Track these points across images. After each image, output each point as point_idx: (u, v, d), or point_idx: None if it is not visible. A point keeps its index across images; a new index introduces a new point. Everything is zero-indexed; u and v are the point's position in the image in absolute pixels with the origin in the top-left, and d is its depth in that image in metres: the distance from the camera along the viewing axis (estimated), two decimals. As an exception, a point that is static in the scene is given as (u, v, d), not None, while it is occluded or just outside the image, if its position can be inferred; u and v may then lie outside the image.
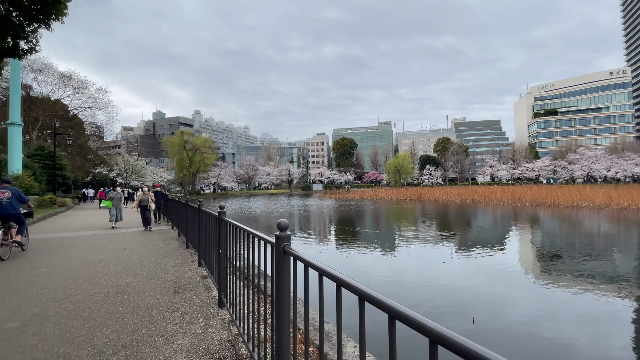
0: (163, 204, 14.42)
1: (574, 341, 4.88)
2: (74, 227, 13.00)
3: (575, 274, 8.23)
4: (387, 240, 14.02)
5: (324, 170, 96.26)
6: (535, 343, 4.82)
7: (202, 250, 5.78)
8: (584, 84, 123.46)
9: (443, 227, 16.58)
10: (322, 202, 37.96)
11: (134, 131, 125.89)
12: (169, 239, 10.07)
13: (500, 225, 17.59)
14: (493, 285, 7.59)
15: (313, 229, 17.99)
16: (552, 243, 12.60)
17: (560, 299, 6.54)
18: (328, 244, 13.39)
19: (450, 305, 6.33)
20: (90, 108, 33.50)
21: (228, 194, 74.01)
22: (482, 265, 9.17)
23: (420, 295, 6.89)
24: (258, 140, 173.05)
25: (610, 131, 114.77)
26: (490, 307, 6.27)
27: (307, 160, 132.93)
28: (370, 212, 25.98)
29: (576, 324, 5.53)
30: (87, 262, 6.77)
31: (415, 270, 8.87)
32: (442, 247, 11.78)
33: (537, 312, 6.01)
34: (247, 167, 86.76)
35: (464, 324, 5.36)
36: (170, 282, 5.31)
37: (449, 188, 50.04)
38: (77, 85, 31.84)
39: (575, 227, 16.49)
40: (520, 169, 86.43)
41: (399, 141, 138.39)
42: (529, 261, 9.96)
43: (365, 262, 9.87)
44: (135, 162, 60.79)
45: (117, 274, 5.82)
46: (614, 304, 6.22)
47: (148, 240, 9.62)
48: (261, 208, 32.49)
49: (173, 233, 11.25)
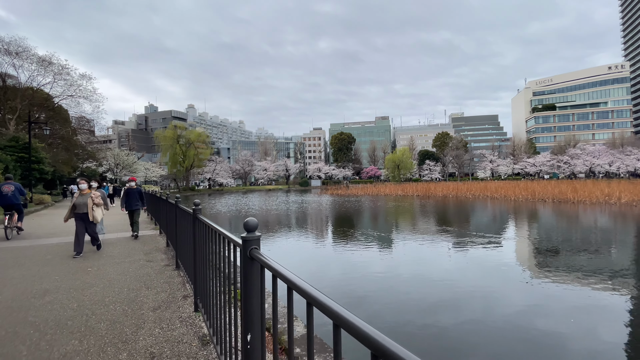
0: (141, 205, 9.99)
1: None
2: (39, 233, 10.65)
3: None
4: (442, 253, 11.87)
5: (322, 166, 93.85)
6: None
7: (196, 274, 3.84)
8: (582, 78, 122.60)
9: (498, 230, 14.24)
10: (326, 200, 35.73)
11: (125, 125, 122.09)
12: (154, 250, 7.81)
13: (568, 229, 14.64)
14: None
15: (340, 244, 12.94)
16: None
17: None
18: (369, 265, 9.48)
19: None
20: (73, 96, 30.04)
21: (224, 190, 71.39)
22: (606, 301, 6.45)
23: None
24: (253, 135, 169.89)
25: (609, 126, 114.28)
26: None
27: (304, 155, 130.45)
28: (392, 211, 23.32)
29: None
30: (21, 298, 4.51)
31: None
32: (520, 265, 9.25)
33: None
34: (243, 162, 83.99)
35: None
36: (142, 354, 3.01)
37: (456, 184, 48.08)
38: (58, 71, 28.49)
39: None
40: (521, 164, 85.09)
41: (397, 136, 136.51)
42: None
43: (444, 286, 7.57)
44: (126, 157, 57.88)
45: (56, 328, 3.54)
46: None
47: (125, 255, 7.31)
48: (260, 205, 30.20)
49: (161, 241, 8.98)
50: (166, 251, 7.65)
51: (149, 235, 10.00)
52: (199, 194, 62.62)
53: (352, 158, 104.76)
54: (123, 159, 56.89)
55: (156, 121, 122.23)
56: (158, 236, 9.88)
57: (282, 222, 18.74)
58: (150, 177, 70.32)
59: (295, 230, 15.77)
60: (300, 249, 11.77)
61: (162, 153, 66.90)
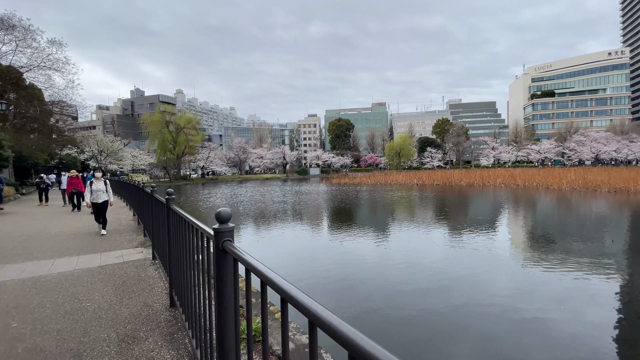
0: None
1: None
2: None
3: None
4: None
5: (321, 154, 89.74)
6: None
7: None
8: (582, 64, 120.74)
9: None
10: (338, 191, 32.09)
11: (110, 111, 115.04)
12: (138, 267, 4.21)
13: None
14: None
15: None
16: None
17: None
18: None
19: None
20: (41, 67, 24.90)
21: (219, 179, 66.93)
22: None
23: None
24: (245, 122, 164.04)
25: (607, 113, 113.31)
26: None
27: (300, 142, 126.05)
28: (457, 209, 19.55)
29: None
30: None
31: None
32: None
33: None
34: (237, 150, 79.22)
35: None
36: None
37: (471, 171, 44.73)
38: (22, 36, 22.95)
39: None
40: (525, 151, 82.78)
41: (394, 123, 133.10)
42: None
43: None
44: (111, 144, 52.93)
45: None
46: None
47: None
48: (262, 197, 26.47)
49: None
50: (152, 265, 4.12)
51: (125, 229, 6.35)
52: (192, 183, 58.21)
53: (350, 145, 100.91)
54: (107, 146, 51.98)
55: (143, 106, 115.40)
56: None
57: (321, 234, 12.61)
58: (138, 165, 65.36)
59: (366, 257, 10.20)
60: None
61: (150, 139, 61.77)
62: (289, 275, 7.22)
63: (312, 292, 6.43)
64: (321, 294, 6.34)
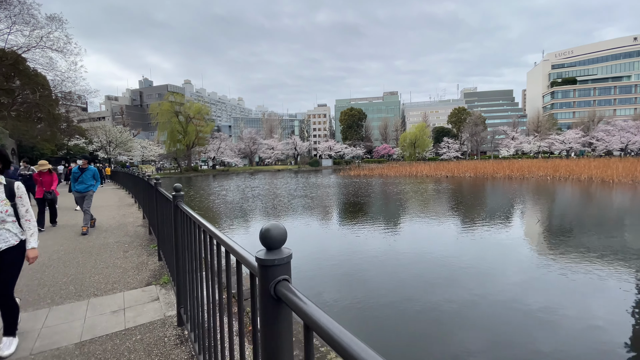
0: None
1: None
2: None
3: None
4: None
5: (333, 144, 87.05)
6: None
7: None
8: (605, 50, 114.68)
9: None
10: (358, 183, 29.63)
11: (119, 101, 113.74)
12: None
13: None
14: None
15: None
16: None
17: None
18: None
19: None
20: (39, 47, 22.53)
21: (230, 171, 65.04)
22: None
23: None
24: (253, 113, 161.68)
25: (631, 102, 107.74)
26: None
27: (310, 133, 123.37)
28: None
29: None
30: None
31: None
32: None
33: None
34: (247, 140, 77.05)
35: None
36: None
37: (504, 163, 41.19)
38: (18, 11, 20.31)
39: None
40: (547, 141, 78.83)
41: (406, 113, 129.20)
42: None
43: None
44: (120, 134, 51.21)
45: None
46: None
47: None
48: (285, 191, 24.23)
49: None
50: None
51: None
52: (203, 175, 56.43)
53: (362, 136, 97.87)
54: (116, 136, 50.28)
55: (151, 96, 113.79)
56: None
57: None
58: (148, 156, 63.85)
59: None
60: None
61: (159, 129, 59.91)
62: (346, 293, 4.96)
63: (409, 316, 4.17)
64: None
